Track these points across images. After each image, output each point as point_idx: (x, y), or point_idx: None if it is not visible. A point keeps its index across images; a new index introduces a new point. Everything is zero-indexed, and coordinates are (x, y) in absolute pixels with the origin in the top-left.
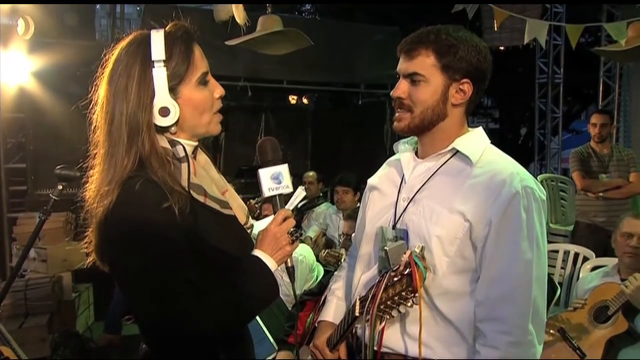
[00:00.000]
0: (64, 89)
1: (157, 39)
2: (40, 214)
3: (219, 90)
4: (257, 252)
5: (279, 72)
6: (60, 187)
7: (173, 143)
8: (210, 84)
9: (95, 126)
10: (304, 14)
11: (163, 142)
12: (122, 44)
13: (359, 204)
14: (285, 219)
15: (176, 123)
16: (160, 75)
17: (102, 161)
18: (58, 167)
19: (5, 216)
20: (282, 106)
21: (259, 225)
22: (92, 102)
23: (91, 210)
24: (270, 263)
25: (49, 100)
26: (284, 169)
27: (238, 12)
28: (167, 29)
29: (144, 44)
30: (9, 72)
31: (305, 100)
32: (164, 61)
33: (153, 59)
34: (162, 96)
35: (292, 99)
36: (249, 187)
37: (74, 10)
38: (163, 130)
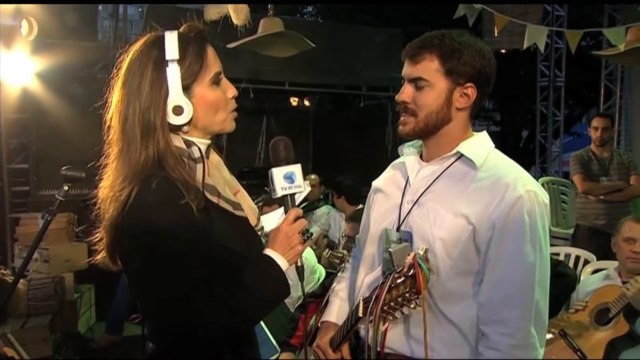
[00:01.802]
0: (67, 89)
1: (171, 39)
2: (46, 214)
3: (231, 90)
4: (268, 252)
5: (280, 74)
6: (66, 187)
7: (188, 143)
8: (223, 84)
9: (109, 125)
10: (305, 16)
11: (178, 141)
12: (137, 44)
13: (358, 207)
14: (297, 219)
15: (189, 122)
16: (174, 74)
17: (116, 159)
18: (64, 167)
19: (7, 216)
20: (283, 108)
21: (265, 220)
22: (107, 102)
23: (104, 208)
24: (282, 262)
25: (52, 101)
26: (297, 169)
27: (237, 14)
28: (180, 29)
29: (158, 44)
30: (12, 72)
31: (306, 102)
32: (177, 60)
33: (167, 58)
34: (175, 95)
35: (294, 101)
36: (250, 189)
37: (76, 11)
38: (176, 129)
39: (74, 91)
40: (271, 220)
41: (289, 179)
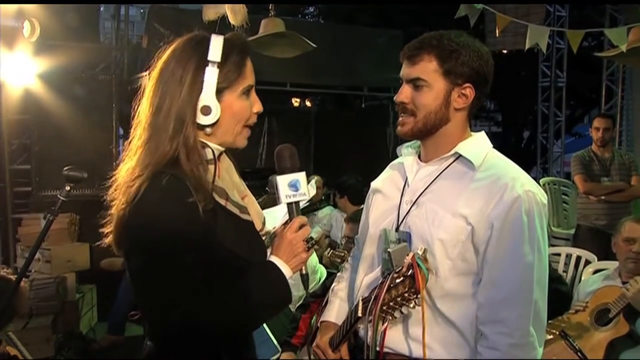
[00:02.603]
0: (69, 90)
1: (217, 42)
2: (48, 214)
3: (257, 106)
4: (273, 259)
5: (281, 74)
6: (68, 187)
7: (202, 145)
8: (252, 98)
9: (139, 111)
10: (307, 17)
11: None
12: (179, 41)
13: (360, 207)
14: (301, 227)
15: (214, 124)
16: (211, 76)
17: (143, 145)
18: (66, 167)
19: (10, 217)
20: (285, 109)
21: (269, 214)
22: (142, 87)
23: (120, 189)
24: (286, 270)
25: (54, 102)
26: (301, 177)
27: (234, 14)
28: (226, 36)
29: (203, 43)
30: (14, 73)
31: (308, 103)
32: (218, 63)
33: (209, 59)
34: (208, 95)
35: (295, 102)
36: (252, 189)
37: (78, 13)
38: (199, 129)
39: (75, 92)
40: (275, 215)
41: (294, 187)
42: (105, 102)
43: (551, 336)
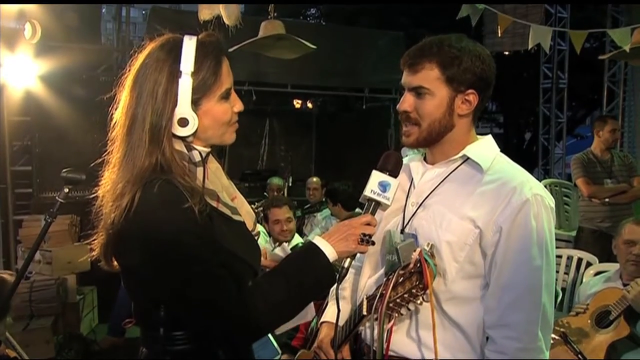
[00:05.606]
0: (70, 92)
1: (189, 49)
2: (47, 216)
3: (238, 105)
4: (316, 239)
5: (283, 76)
6: (66, 189)
7: (189, 147)
8: (231, 98)
9: (115, 122)
10: (309, 19)
11: (179, 145)
12: (153, 45)
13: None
14: (368, 224)
15: (194, 134)
16: (185, 87)
17: (120, 161)
18: (64, 170)
19: (11, 218)
20: (286, 110)
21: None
22: (116, 99)
23: (104, 207)
24: (328, 250)
25: (55, 104)
26: (394, 183)
27: (228, 15)
28: (200, 37)
29: (175, 50)
30: (15, 75)
31: (309, 105)
32: (191, 73)
33: (181, 69)
34: (183, 107)
35: (297, 103)
36: (252, 191)
37: (79, 14)
38: (179, 138)
39: (76, 93)
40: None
41: (382, 187)
42: (107, 103)
43: (552, 340)
